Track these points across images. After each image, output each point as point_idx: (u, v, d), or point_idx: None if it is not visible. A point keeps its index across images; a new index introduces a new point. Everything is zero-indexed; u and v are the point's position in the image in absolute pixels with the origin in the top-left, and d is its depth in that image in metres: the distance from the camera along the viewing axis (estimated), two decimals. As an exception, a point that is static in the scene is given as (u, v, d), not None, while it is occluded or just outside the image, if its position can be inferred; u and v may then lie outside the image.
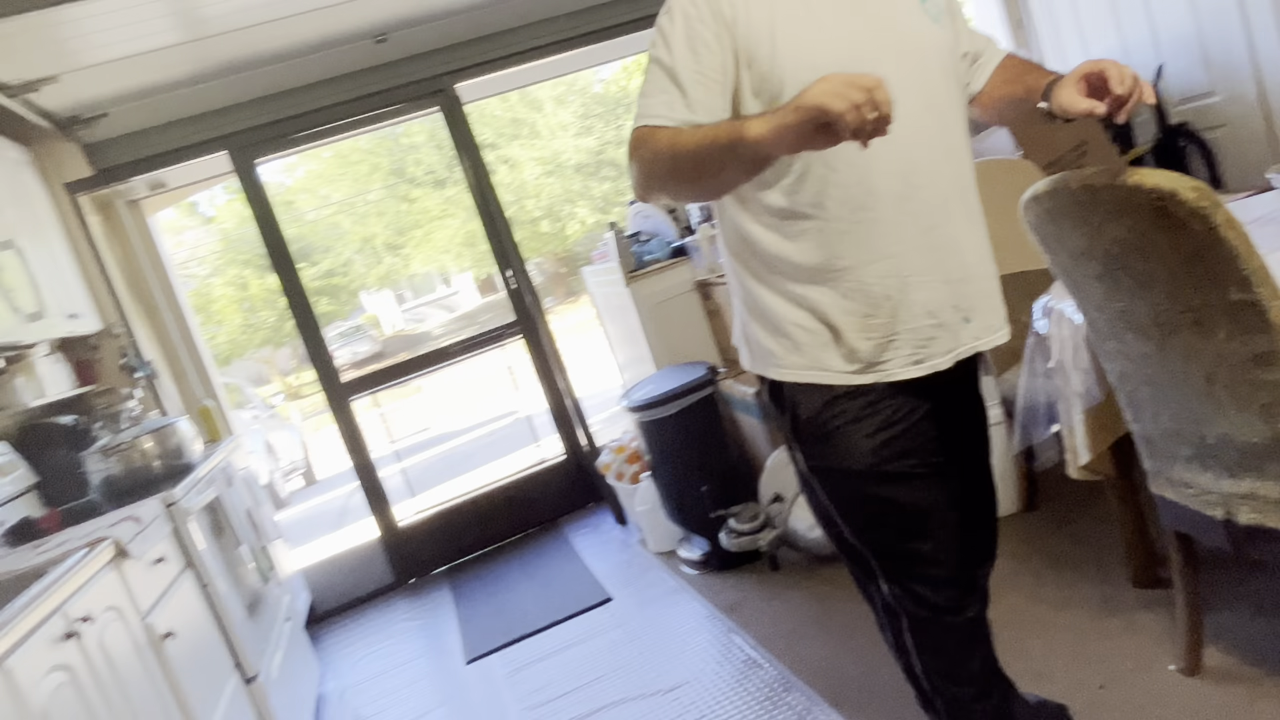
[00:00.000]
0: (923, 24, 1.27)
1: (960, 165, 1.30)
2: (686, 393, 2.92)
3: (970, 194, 1.33)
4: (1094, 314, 1.58)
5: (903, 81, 1.18)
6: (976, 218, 1.33)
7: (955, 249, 1.29)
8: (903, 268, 1.26)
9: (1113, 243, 1.39)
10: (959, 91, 1.32)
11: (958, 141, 1.30)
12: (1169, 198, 1.25)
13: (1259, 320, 1.28)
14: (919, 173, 1.24)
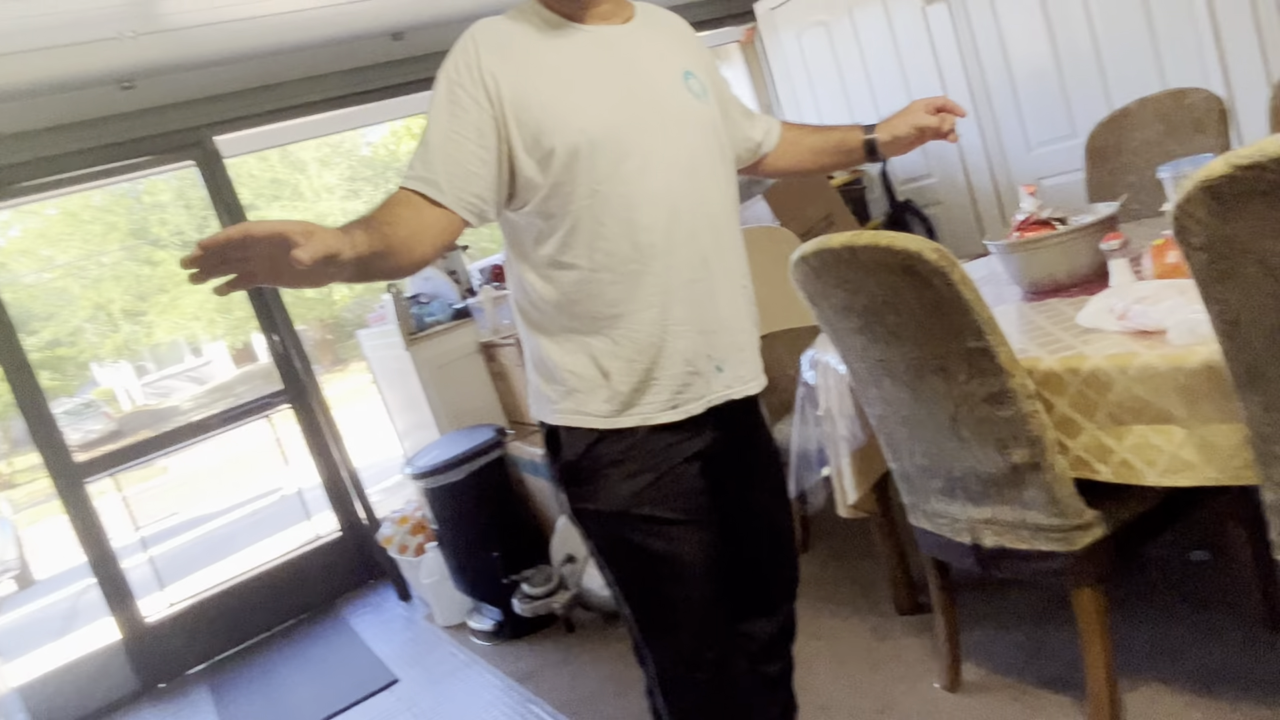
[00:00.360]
0: (685, 99, 1.37)
1: (720, 227, 1.39)
2: (473, 456, 2.85)
3: (730, 253, 1.41)
4: (855, 363, 1.73)
5: (665, 147, 1.31)
6: (735, 276, 1.42)
7: (711, 302, 1.37)
8: (665, 317, 1.33)
9: (870, 298, 1.55)
10: (722, 162, 1.42)
11: (719, 205, 1.40)
12: (915, 258, 1.42)
13: (991, 364, 1.46)
14: (680, 230, 1.33)
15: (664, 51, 1.41)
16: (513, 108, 1.27)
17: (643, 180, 1.31)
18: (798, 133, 1.63)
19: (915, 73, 4.24)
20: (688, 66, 1.41)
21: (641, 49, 1.38)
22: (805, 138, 1.62)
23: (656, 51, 1.40)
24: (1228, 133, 2.30)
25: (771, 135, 1.60)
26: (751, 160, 1.60)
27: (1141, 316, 1.39)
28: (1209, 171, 1.02)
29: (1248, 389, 1.16)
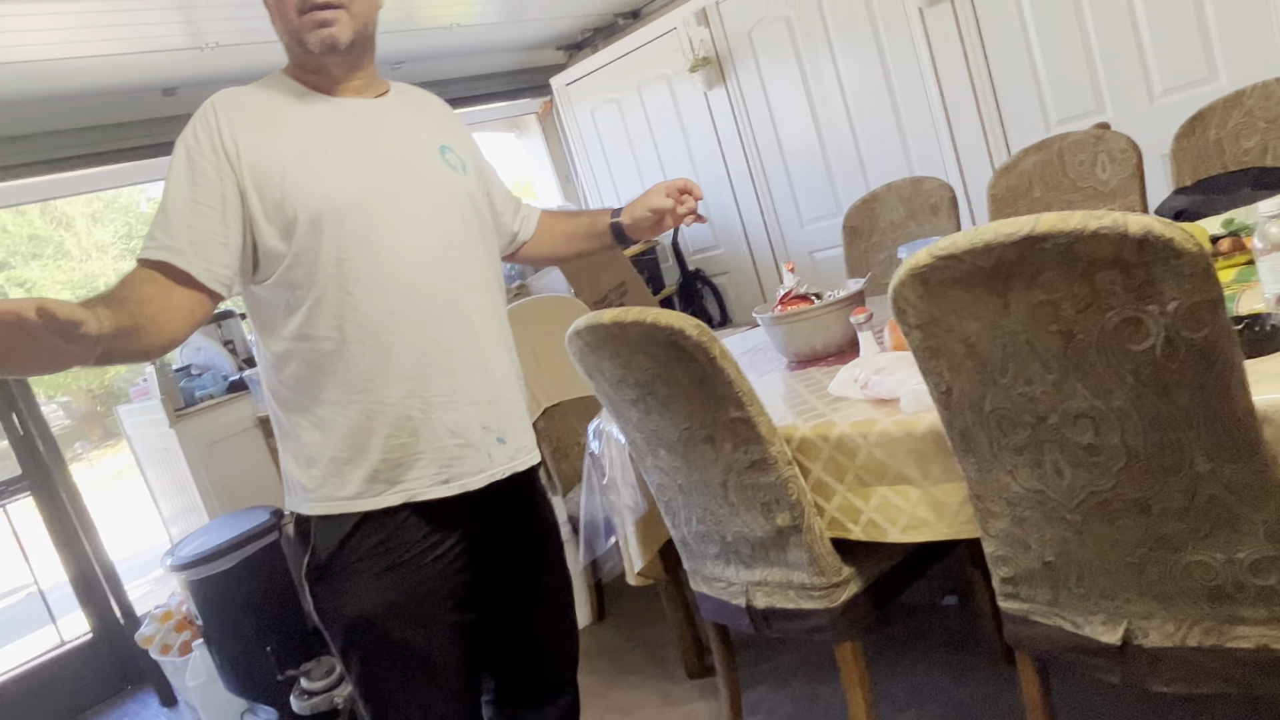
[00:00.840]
0: (441, 171, 1.38)
1: (484, 295, 1.40)
2: (245, 542, 2.64)
3: (495, 324, 1.42)
4: (633, 434, 1.77)
5: (420, 217, 1.32)
6: (503, 347, 1.43)
7: (482, 372, 1.37)
8: (424, 389, 1.31)
9: (641, 371, 1.59)
10: (482, 234, 1.43)
11: (481, 274, 1.40)
12: (679, 334, 1.48)
13: (752, 433, 1.54)
14: (438, 299, 1.32)
15: (419, 126, 1.42)
16: (252, 175, 1.24)
17: (395, 249, 1.29)
18: (553, 219, 1.68)
19: (700, 149, 4.51)
20: (445, 141, 1.42)
21: (395, 122, 1.38)
22: (559, 224, 1.68)
23: (411, 125, 1.41)
24: (958, 216, 2.60)
25: (529, 224, 1.65)
26: (511, 249, 1.64)
27: (879, 386, 1.52)
28: (916, 260, 1.14)
29: (963, 453, 1.29)
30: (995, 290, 1.09)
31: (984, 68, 3.42)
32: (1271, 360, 1.18)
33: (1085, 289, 1.03)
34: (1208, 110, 2.06)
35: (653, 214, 1.58)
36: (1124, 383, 1.07)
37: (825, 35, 3.82)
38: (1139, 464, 1.12)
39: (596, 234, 1.64)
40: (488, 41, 4.77)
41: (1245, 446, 1.06)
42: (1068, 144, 2.33)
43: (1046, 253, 1.03)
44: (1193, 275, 0.97)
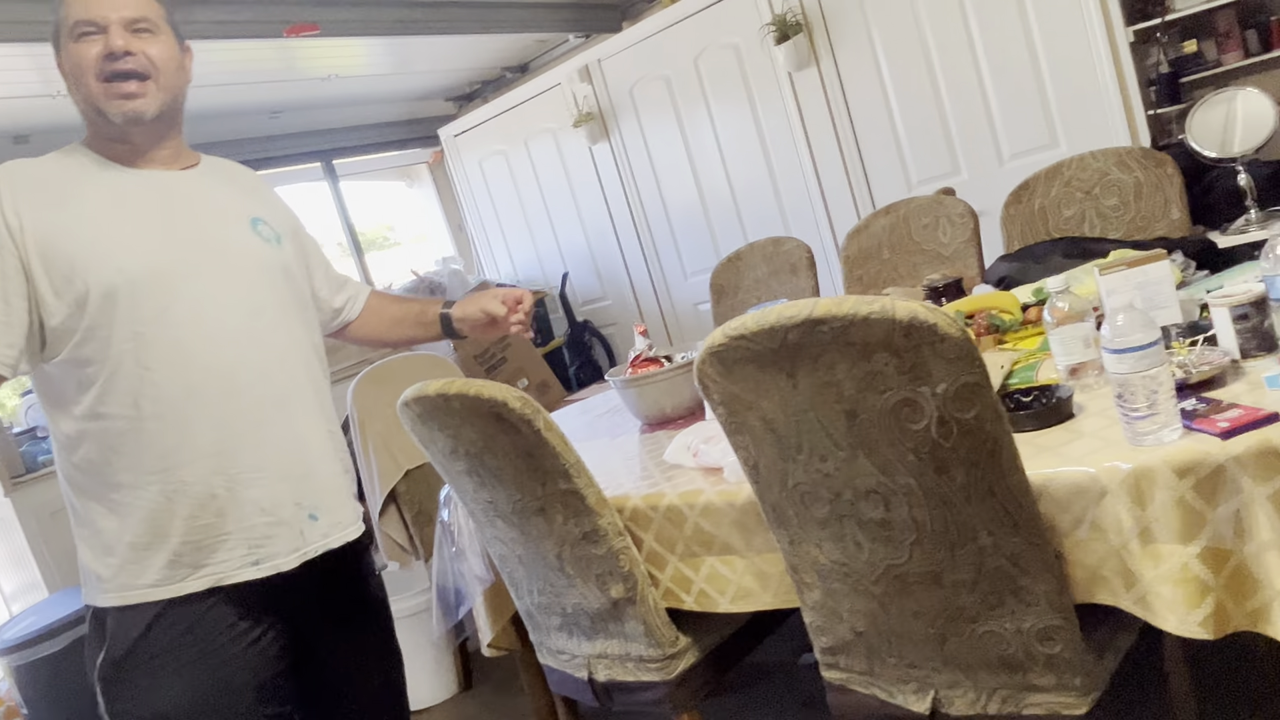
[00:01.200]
0: (252, 243, 1.35)
1: (299, 366, 1.36)
2: (78, 621, 2.46)
3: (310, 396, 1.37)
4: (471, 504, 1.73)
5: (224, 290, 1.28)
6: (319, 419, 1.38)
7: (295, 446, 1.32)
8: (230, 465, 1.26)
9: (470, 443, 1.56)
10: (298, 305, 1.40)
11: (295, 346, 1.36)
12: (501, 406, 1.45)
13: (582, 505, 1.52)
14: (245, 372, 1.28)
15: (230, 198, 1.38)
16: (38, 248, 1.19)
17: (197, 323, 1.25)
18: (382, 302, 1.66)
19: (586, 202, 4.54)
20: (257, 214, 1.39)
21: (203, 195, 1.35)
22: (389, 307, 1.65)
23: (220, 198, 1.37)
24: (815, 275, 2.67)
25: (355, 304, 1.62)
26: (335, 327, 1.61)
27: (706, 455, 1.52)
28: (713, 339, 1.15)
29: (776, 525, 1.30)
30: (784, 370, 1.11)
31: (849, 130, 3.56)
32: (1055, 432, 1.23)
33: (863, 370, 1.05)
34: (1033, 179, 2.18)
35: (484, 315, 1.57)
36: (906, 460, 1.09)
37: (702, 94, 3.92)
38: (928, 538, 1.14)
39: (425, 322, 1.63)
40: (373, 92, 4.73)
41: (1022, 521, 1.09)
42: (912, 208, 2.43)
43: (825, 335, 1.05)
44: (957, 359, 1.01)
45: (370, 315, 1.63)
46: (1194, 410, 1.09)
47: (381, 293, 1.67)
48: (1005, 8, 3.09)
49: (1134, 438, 1.08)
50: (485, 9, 3.98)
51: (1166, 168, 1.92)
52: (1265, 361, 1.21)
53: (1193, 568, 1.03)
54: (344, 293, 1.60)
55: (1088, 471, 1.09)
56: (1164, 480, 1.03)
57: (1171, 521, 1.04)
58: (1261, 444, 1.00)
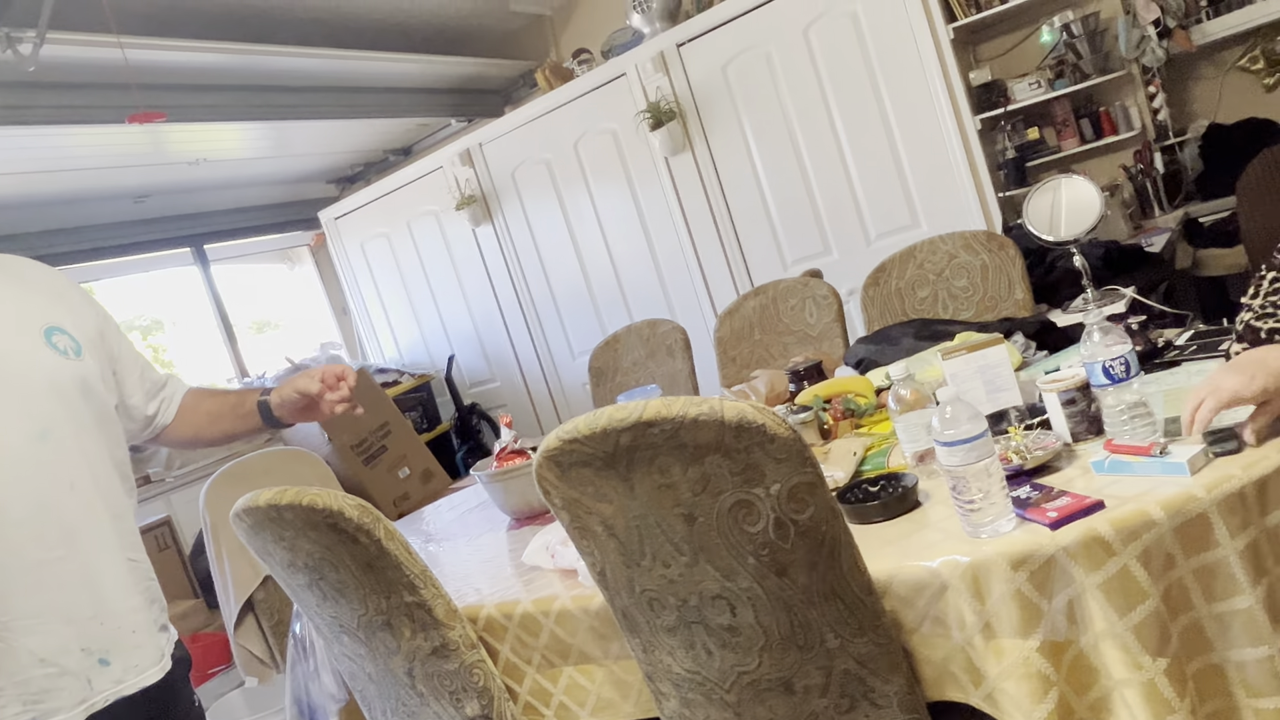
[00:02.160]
0: (40, 357, 1.23)
1: (92, 493, 1.24)
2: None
3: (114, 524, 1.26)
4: (316, 619, 1.60)
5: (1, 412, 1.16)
6: (117, 549, 1.26)
7: (85, 584, 1.19)
8: (2, 612, 1.12)
9: (309, 555, 1.45)
10: (98, 421, 1.28)
11: (89, 471, 1.24)
12: (338, 516, 1.36)
13: (429, 617, 1.42)
14: (22, 505, 1.15)
15: (20, 305, 1.26)
16: None
17: None
18: (198, 398, 1.53)
19: (471, 284, 4.48)
20: (54, 322, 1.27)
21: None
22: (203, 402, 1.53)
23: (7, 304, 1.25)
24: (691, 357, 2.67)
25: (169, 406, 1.49)
26: (149, 434, 1.48)
27: (562, 557, 1.45)
28: (547, 443, 1.10)
29: (628, 632, 1.23)
30: (620, 474, 1.06)
31: (725, 212, 3.64)
32: (901, 523, 1.22)
33: (697, 473, 1.02)
34: (889, 262, 2.25)
35: (300, 396, 1.47)
36: (746, 564, 1.05)
37: (583, 177, 3.96)
38: (776, 643, 1.10)
39: (243, 414, 1.51)
40: (249, 175, 4.60)
41: (867, 620, 1.06)
42: (780, 290, 2.47)
43: (656, 437, 1.01)
44: (787, 458, 0.98)
45: (186, 415, 1.50)
46: (1027, 499, 1.10)
47: (199, 389, 1.55)
48: (863, 98, 3.24)
49: (971, 529, 1.08)
50: (362, 94, 3.95)
51: (1009, 250, 2.01)
52: (1094, 444, 1.24)
53: (1034, 662, 1.02)
54: (160, 395, 1.47)
55: (929, 566, 1.07)
56: (1000, 573, 1.03)
57: (1010, 615, 1.02)
58: (1088, 533, 1.00)
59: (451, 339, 4.65)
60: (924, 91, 3.14)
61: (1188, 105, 3.36)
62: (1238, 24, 3.17)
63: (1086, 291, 2.01)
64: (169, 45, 2.84)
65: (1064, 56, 3.14)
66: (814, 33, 3.30)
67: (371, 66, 3.76)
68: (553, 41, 4.45)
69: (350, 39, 3.78)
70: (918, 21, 3.08)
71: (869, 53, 3.21)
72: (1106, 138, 3.16)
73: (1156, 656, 0.99)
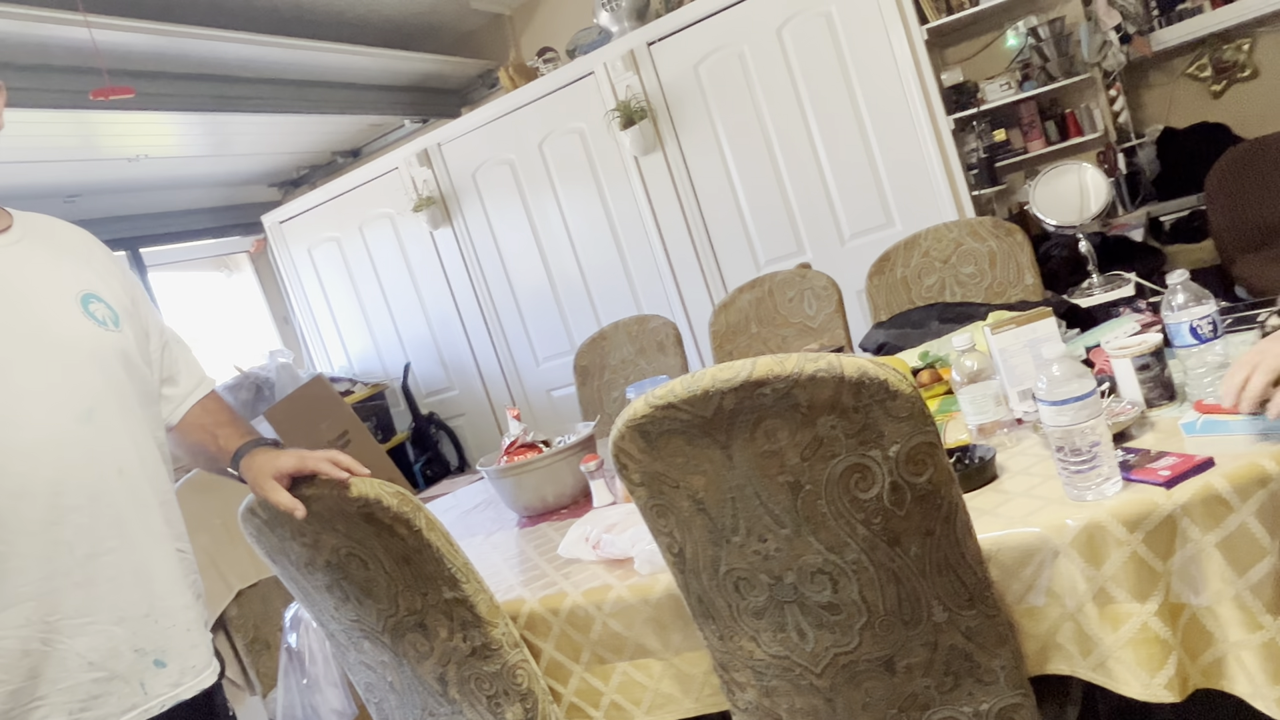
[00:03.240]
0: (81, 326, 1.11)
1: (142, 477, 1.12)
2: None
3: (156, 513, 1.14)
4: (331, 625, 1.47)
5: (41, 387, 1.04)
6: (167, 539, 1.14)
7: (136, 579, 1.07)
8: (49, 611, 1.01)
9: (333, 552, 1.33)
10: (141, 399, 1.16)
11: (137, 454, 1.12)
12: (375, 505, 1.24)
13: (471, 615, 1.32)
14: (71, 492, 1.04)
15: (52, 270, 1.13)
16: None
17: (9, 431, 1.00)
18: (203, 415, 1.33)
19: (428, 289, 4.33)
20: (90, 288, 1.14)
21: (15, 267, 1.09)
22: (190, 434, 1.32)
23: (42, 270, 1.12)
24: (684, 352, 2.61)
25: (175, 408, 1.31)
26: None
27: (610, 546, 1.37)
28: (634, 411, 1.02)
29: (702, 619, 1.16)
30: (718, 441, 0.99)
31: (697, 212, 3.60)
32: (983, 494, 1.17)
33: (808, 435, 0.95)
34: (892, 251, 2.24)
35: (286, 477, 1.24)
36: (856, 534, 0.99)
37: (549, 178, 3.87)
38: (880, 619, 1.03)
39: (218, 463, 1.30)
40: (187, 175, 4.36)
41: (977, 591, 1.01)
42: (776, 282, 2.43)
43: (766, 398, 0.94)
44: (909, 417, 0.93)
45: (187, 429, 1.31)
46: (1127, 461, 1.07)
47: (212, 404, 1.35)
48: (838, 98, 3.26)
49: (1076, 493, 1.04)
50: (314, 88, 3.79)
51: (1016, 236, 2.02)
52: (1169, 410, 1.22)
53: (1153, 626, 0.98)
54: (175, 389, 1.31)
55: (1035, 532, 1.03)
56: (1116, 535, 0.99)
57: (1128, 578, 0.99)
58: (1205, 490, 0.98)
59: (407, 346, 4.48)
60: (898, 92, 3.16)
61: (1142, 110, 3.48)
62: (1187, 33, 3.31)
63: (1093, 276, 2.03)
64: (108, 24, 2.64)
65: (1030, 60, 3.22)
66: (788, 32, 3.30)
67: (325, 59, 3.60)
68: (512, 41, 4.37)
69: (304, 30, 3.62)
70: (892, 22, 3.11)
71: (843, 53, 3.22)
72: (1072, 139, 3.25)
73: (1278, 615, 0.96)
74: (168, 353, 1.31)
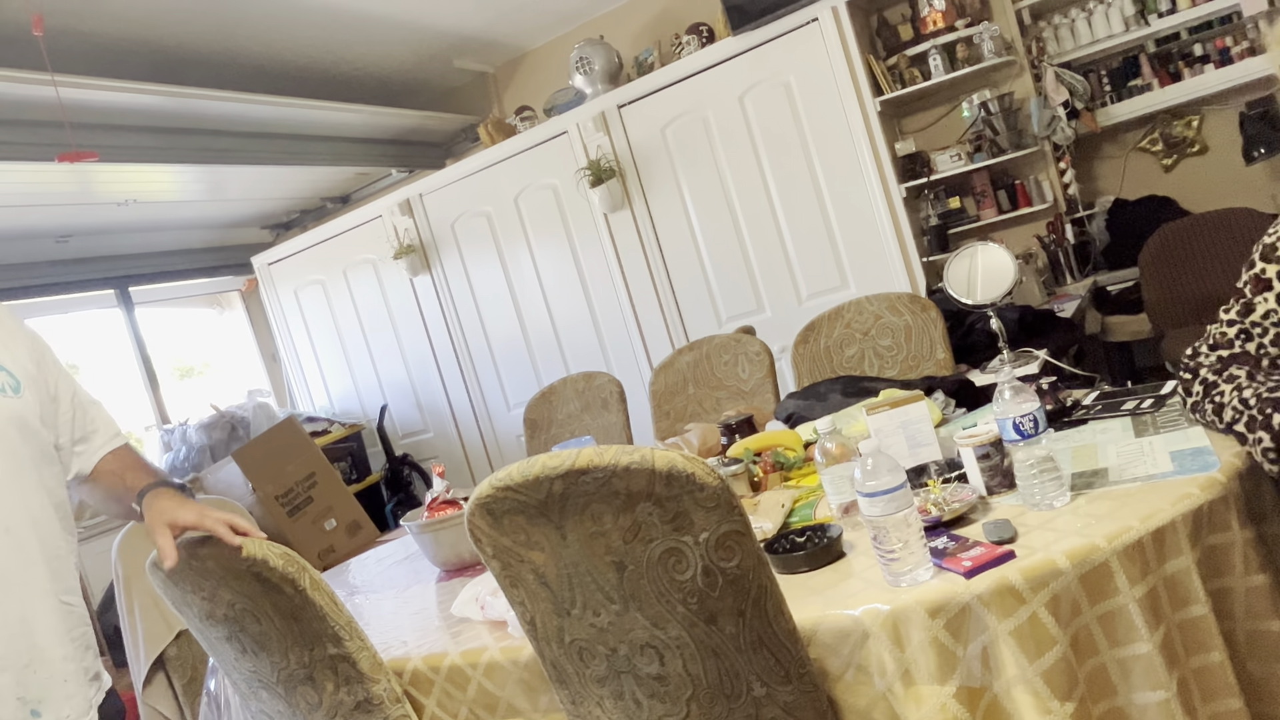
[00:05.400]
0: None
1: (27, 536, 1.20)
2: None
3: (48, 566, 1.21)
4: (234, 674, 1.55)
5: None
6: (50, 594, 1.21)
7: (20, 631, 1.15)
8: None
9: (229, 606, 1.41)
10: (34, 461, 1.24)
11: (26, 512, 1.20)
12: (262, 565, 1.33)
13: (354, 670, 1.39)
14: None
15: None
16: None
17: None
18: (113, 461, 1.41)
19: (406, 333, 4.45)
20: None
21: None
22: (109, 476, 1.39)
23: None
24: (626, 409, 2.69)
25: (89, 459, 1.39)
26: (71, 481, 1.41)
27: (491, 608, 1.44)
28: (480, 491, 1.10)
29: (557, 684, 1.23)
30: (552, 521, 1.07)
31: (663, 268, 3.71)
32: (827, 573, 1.25)
33: (628, 520, 1.04)
34: (818, 320, 2.33)
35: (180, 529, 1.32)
36: (676, 612, 1.07)
37: (523, 231, 4.00)
38: (704, 692, 1.11)
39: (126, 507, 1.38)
40: (179, 218, 4.52)
41: (793, 668, 1.08)
42: (713, 346, 2.52)
43: (589, 485, 1.03)
44: (716, 507, 1.01)
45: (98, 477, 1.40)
46: (944, 549, 1.14)
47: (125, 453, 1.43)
48: (795, 163, 3.38)
49: (892, 579, 1.11)
50: (303, 141, 3.94)
51: (930, 312, 2.10)
52: (1009, 498, 1.30)
53: (950, 708, 1.05)
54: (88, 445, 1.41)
55: (851, 615, 1.10)
56: (918, 620, 1.06)
57: (928, 661, 1.06)
58: (1000, 582, 1.05)
59: (385, 388, 4.59)
60: (853, 159, 3.28)
61: (1095, 181, 3.59)
62: (1138, 109, 3.42)
63: (1002, 353, 2.11)
64: (106, 85, 2.81)
65: (982, 132, 3.33)
66: (749, 100, 3.43)
67: (313, 115, 3.76)
68: (495, 98, 4.53)
69: (293, 88, 3.79)
70: (847, 93, 3.24)
71: (801, 121, 3.35)
72: (1022, 208, 3.34)
73: (1065, 701, 1.03)
74: (82, 413, 1.39)
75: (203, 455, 3.91)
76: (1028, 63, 3.33)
